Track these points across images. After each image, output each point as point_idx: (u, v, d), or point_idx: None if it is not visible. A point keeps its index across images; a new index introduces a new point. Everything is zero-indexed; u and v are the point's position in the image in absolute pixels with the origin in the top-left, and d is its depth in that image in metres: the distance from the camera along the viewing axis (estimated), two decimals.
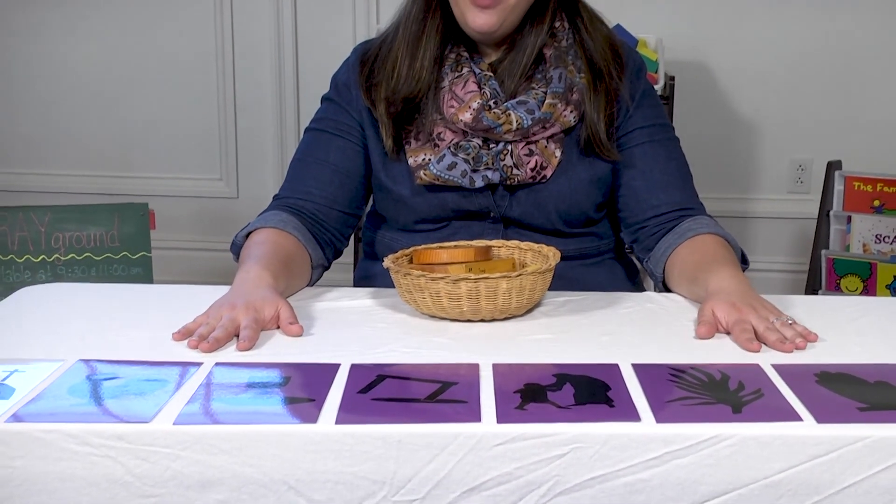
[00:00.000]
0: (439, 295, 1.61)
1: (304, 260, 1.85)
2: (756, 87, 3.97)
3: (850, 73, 3.92)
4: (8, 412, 1.27)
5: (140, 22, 4.17)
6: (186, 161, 4.25)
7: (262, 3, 4.09)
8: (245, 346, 1.49)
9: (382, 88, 1.93)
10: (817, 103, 3.95)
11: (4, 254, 3.26)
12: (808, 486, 1.22)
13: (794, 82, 3.95)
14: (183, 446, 1.23)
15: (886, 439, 1.22)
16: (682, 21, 3.91)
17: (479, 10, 1.82)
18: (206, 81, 4.20)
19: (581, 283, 1.87)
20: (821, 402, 1.30)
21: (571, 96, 1.89)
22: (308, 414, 1.27)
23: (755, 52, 3.94)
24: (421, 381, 1.37)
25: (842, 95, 3.94)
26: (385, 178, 1.95)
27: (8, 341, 1.56)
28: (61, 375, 1.39)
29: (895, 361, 1.44)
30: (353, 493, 1.23)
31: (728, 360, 1.45)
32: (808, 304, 1.73)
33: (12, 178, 4.31)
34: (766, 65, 3.95)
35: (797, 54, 3.93)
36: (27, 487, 1.24)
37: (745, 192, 4.06)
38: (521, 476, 1.23)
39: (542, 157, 1.89)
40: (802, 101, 3.96)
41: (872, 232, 3.23)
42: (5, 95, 4.28)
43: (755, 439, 1.22)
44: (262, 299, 1.60)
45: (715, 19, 3.93)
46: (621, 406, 1.29)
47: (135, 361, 1.45)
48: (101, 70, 4.22)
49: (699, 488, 1.22)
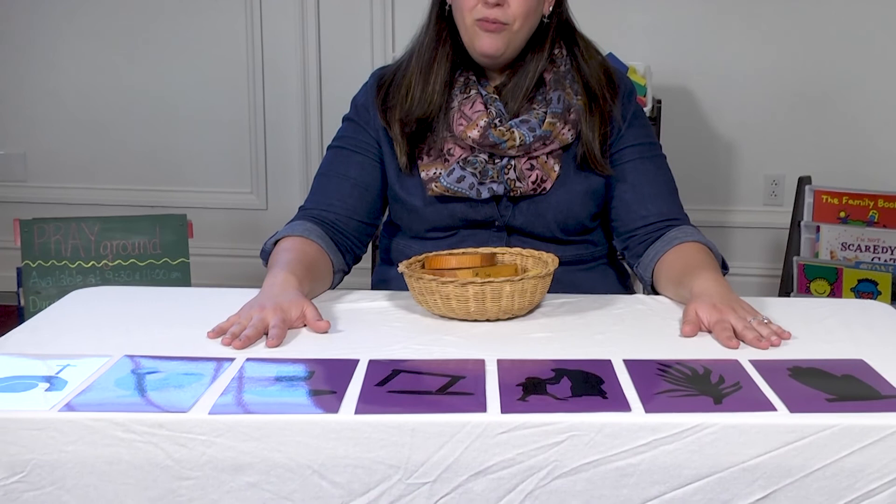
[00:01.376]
0: (449, 297, 1.61)
1: (326, 265, 1.85)
2: (734, 109, 3.97)
3: (819, 97, 3.91)
4: (61, 402, 1.27)
5: (178, 52, 4.18)
6: (220, 176, 4.25)
7: (289, 34, 4.09)
8: (273, 344, 1.49)
9: (397, 110, 1.93)
10: (789, 124, 3.95)
11: (59, 260, 3.27)
12: (782, 469, 1.22)
13: (768, 105, 3.95)
14: (217, 434, 1.23)
15: (852, 427, 1.21)
16: (668, 50, 3.90)
17: (487, 35, 1.83)
18: (238, 104, 4.20)
19: (577, 286, 1.86)
20: (793, 393, 1.30)
21: (569, 116, 1.89)
22: (330, 405, 1.27)
23: (733, 79, 3.94)
24: (432, 375, 1.37)
25: (811, 117, 3.93)
26: (400, 190, 1.95)
27: (61, 338, 1.56)
28: (109, 369, 1.40)
29: (860, 357, 1.44)
30: (371, 477, 1.23)
31: (710, 356, 1.45)
32: (781, 306, 1.72)
33: (66, 192, 4.32)
34: (742, 89, 3.95)
35: (771, 80, 3.92)
36: (78, 470, 1.24)
37: (724, 204, 4.05)
38: (523, 461, 1.22)
39: (542, 171, 1.89)
40: (776, 123, 3.96)
41: (839, 240, 3.22)
42: (59, 119, 4.28)
43: (734, 427, 1.22)
44: (288, 301, 1.60)
45: (697, 49, 3.93)
46: (613, 398, 1.29)
47: (174, 357, 1.45)
48: (144, 95, 4.23)
49: (683, 472, 1.22)
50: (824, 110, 3.92)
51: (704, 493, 1.22)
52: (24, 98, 4.29)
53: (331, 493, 1.23)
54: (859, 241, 3.19)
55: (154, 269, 3.26)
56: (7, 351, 1.48)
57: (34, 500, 1.24)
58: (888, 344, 1.52)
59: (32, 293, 3.24)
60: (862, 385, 1.33)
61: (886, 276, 3.07)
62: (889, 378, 1.35)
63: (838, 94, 3.90)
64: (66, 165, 4.33)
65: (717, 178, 4.04)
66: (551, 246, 1.89)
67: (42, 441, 1.23)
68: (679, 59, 3.92)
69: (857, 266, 3.16)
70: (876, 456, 1.21)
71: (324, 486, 1.23)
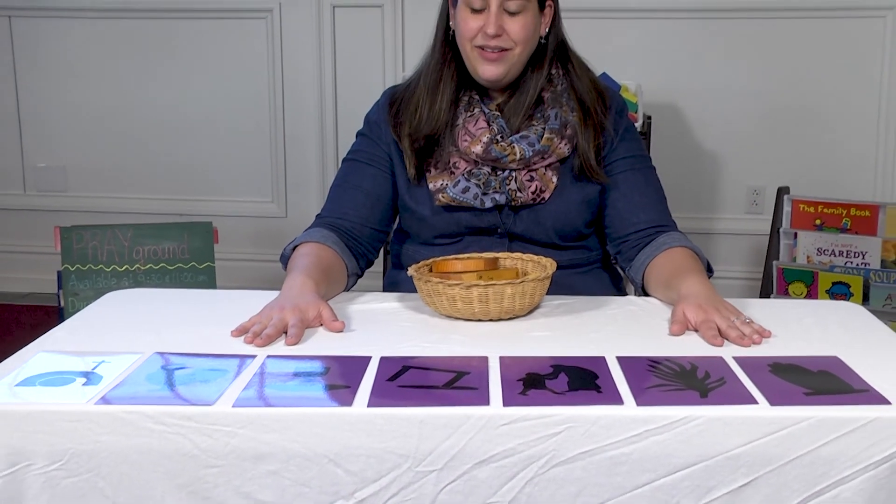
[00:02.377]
0: (454, 298, 1.61)
1: (341, 269, 1.85)
2: (718, 125, 3.96)
3: (796, 114, 3.90)
4: (97, 396, 1.28)
5: (205, 72, 4.18)
6: (243, 186, 4.25)
7: (307, 55, 4.09)
8: (292, 342, 1.49)
9: (406, 126, 1.93)
10: (769, 139, 3.94)
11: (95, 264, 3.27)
12: (763, 458, 1.21)
13: (749, 121, 3.94)
14: (240, 425, 1.23)
15: (827, 419, 1.21)
16: (658, 71, 3.90)
17: (488, 63, 1.84)
18: (260, 120, 4.20)
19: (573, 288, 1.86)
20: (773, 388, 1.30)
21: (565, 132, 1.89)
22: (345, 398, 1.27)
23: (717, 97, 3.93)
24: (439, 371, 1.37)
25: (789, 132, 3.92)
26: (409, 200, 1.95)
27: (97, 337, 1.56)
28: (140, 365, 1.40)
29: (835, 354, 1.43)
30: (383, 465, 1.23)
31: (696, 353, 1.45)
32: (761, 307, 1.72)
33: (102, 201, 4.32)
34: (725, 107, 3.94)
35: (752, 98, 3.92)
36: (112, 459, 1.24)
37: (709, 212, 4.05)
38: (524, 451, 1.22)
39: (541, 182, 1.89)
40: (756, 137, 3.95)
41: (815, 246, 3.22)
42: (96, 135, 4.29)
43: (719, 419, 1.22)
44: (306, 302, 1.60)
45: (684, 70, 3.92)
46: (607, 392, 1.29)
47: (200, 354, 1.45)
48: (174, 112, 4.23)
49: (672, 460, 1.22)
50: (801, 126, 3.91)
51: (691, 480, 1.22)
52: (64, 116, 4.29)
53: (345, 481, 1.23)
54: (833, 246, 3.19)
55: (182, 272, 3.26)
56: (47, 348, 1.48)
57: (72, 486, 1.25)
58: (860, 342, 1.51)
59: (71, 295, 3.25)
60: (836, 380, 1.33)
61: (858, 279, 3.07)
62: (861, 373, 1.35)
63: (813, 112, 3.90)
64: (102, 177, 4.33)
65: (703, 188, 4.03)
66: (550, 251, 1.89)
67: (79, 432, 1.24)
68: (668, 79, 3.92)
69: (832, 270, 3.16)
70: (849, 445, 1.21)
71: (339, 473, 1.23)
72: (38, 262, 4.32)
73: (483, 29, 1.82)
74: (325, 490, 1.24)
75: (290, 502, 1.24)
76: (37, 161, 4.36)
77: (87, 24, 4.21)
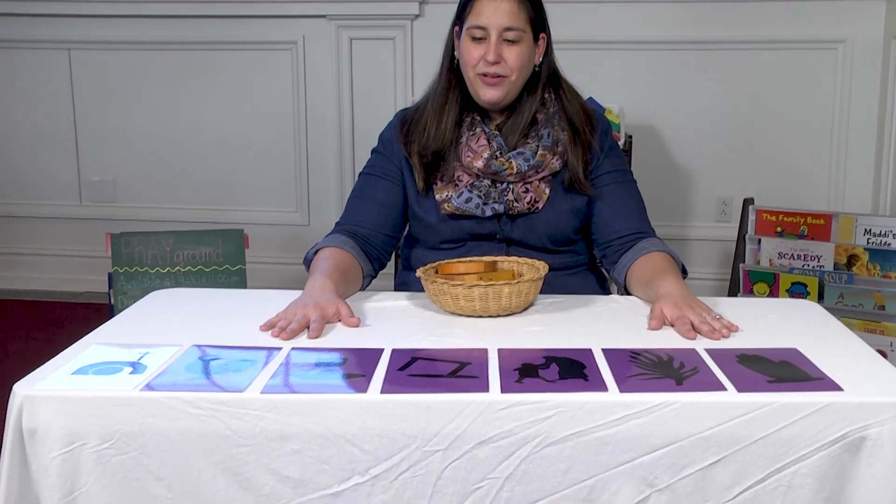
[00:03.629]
0: (458, 297, 1.60)
1: (357, 271, 1.84)
2: (691, 144, 3.96)
3: (760, 134, 3.90)
4: (142, 383, 1.28)
5: (239, 97, 4.19)
6: (271, 198, 4.25)
7: (327, 82, 4.09)
8: (314, 336, 1.49)
9: (416, 143, 1.93)
10: (736, 156, 3.93)
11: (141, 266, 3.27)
12: (731, 438, 1.21)
13: (718, 141, 3.93)
14: (267, 409, 1.23)
15: (787, 404, 1.21)
16: (638, 96, 3.90)
17: (488, 87, 1.84)
18: (286, 139, 4.20)
19: (563, 288, 1.85)
20: (740, 376, 1.30)
21: (557, 149, 1.89)
22: (360, 385, 1.27)
23: (690, 119, 3.93)
24: (444, 362, 1.37)
25: (754, 150, 3.92)
26: (418, 209, 1.95)
27: (142, 331, 1.56)
28: (180, 356, 1.40)
29: (794, 346, 1.43)
30: (394, 444, 1.23)
31: (672, 346, 1.44)
32: (730, 304, 1.71)
33: (148, 211, 4.32)
34: (698, 128, 3.94)
35: (721, 120, 3.91)
36: (156, 439, 1.24)
37: (683, 221, 4.04)
38: (519, 432, 1.22)
39: (535, 194, 1.89)
40: (725, 155, 3.94)
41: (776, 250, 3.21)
42: (142, 153, 4.29)
43: (692, 404, 1.22)
44: (326, 301, 1.59)
45: (661, 95, 3.92)
46: (593, 380, 1.28)
47: (233, 346, 1.45)
48: (210, 132, 4.23)
49: (650, 441, 1.22)
50: (764, 145, 3.91)
51: (668, 458, 1.22)
52: (114, 136, 4.30)
53: (360, 459, 1.23)
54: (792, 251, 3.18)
55: (217, 274, 3.26)
56: (99, 341, 1.48)
57: (121, 463, 1.25)
58: (816, 335, 1.51)
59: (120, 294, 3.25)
60: (796, 369, 1.33)
61: (814, 280, 3.06)
62: (817, 363, 1.34)
63: (775, 132, 3.89)
64: (147, 190, 4.34)
65: (678, 199, 4.02)
66: (543, 255, 1.89)
67: (127, 415, 1.24)
68: (647, 103, 3.91)
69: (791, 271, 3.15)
70: (807, 427, 1.21)
71: (355, 452, 1.23)
72: (91, 264, 4.32)
73: (484, 57, 1.82)
74: (342, 467, 1.23)
75: (312, 477, 1.24)
76: (91, 175, 4.37)
77: (136, 55, 4.22)
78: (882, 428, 1.20)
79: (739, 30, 3.83)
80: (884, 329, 2.97)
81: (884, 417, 1.20)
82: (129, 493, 1.25)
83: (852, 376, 1.29)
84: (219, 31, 4.14)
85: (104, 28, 4.21)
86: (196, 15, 4.13)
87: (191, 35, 4.17)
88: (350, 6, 4.00)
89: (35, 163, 4.38)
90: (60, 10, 4.18)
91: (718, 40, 3.85)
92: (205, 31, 4.15)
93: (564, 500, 1.23)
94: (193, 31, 4.16)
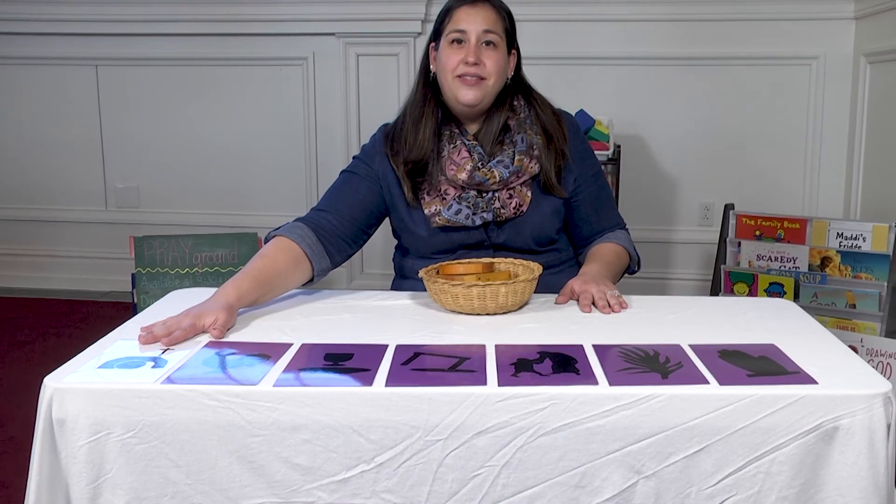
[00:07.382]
0: (457, 296, 1.60)
1: (292, 272, 1.75)
2: (676, 152, 3.96)
3: (740, 144, 3.90)
4: (163, 376, 1.28)
5: (254, 112, 4.19)
6: (282, 203, 4.25)
7: (335, 98, 4.10)
8: (168, 342, 1.43)
9: (400, 155, 1.91)
10: (717, 164, 3.93)
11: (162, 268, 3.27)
12: (713, 429, 1.21)
13: (701, 150, 3.93)
14: (280, 401, 1.23)
15: (766, 396, 1.21)
16: (626, 108, 3.90)
17: (467, 87, 1.84)
18: (296, 151, 4.21)
19: (550, 285, 1.84)
20: (721, 370, 1.29)
21: (533, 152, 1.88)
22: (366, 379, 1.26)
23: (675, 130, 3.93)
24: (444, 357, 1.36)
25: (734, 159, 3.92)
26: (409, 222, 1.92)
27: None
28: (198, 351, 1.39)
29: (772, 342, 1.43)
30: (398, 434, 1.22)
31: (659, 342, 1.44)
32: (711, 303, 1.71)
33: (168, 216, 4.32)
34: (682, 138, 3.94)
35: (703, 131, 3.92)
36: (176, 428, 1.24)
37: (667, 225, 4.04)
38: (515, 423, 1.22)
39: (519, 198, 1.88)
40: (707, 163, 3.94)
41: (755, 252, 3.20)
42: (164, 162, 4.30)
43: (677, 397, 1.21)
44: (207, 310, 1.52)
45: (648, 107, 3.92)
46: (585, 374, 1.28)
47: (247, 342, 1.45)
48: (226, 144, 4.24)
49: (638, 431, 1.21)
50: (743, 154, 3.91)
51: (654, 447, 1.21)
52: (138, 146, 4.31)
53: (366, 448, 1.23)
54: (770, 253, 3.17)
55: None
56: (123, 337, 1.48)
57: (143, 451, 1.24)
58: (793, 332, 1.50)
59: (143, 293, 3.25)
60: (774, 364, 1.32)
61: (790, 280, 3.06)
62: (794, 358, 1.34)
63: (753, 142, 3.90)
64: (168, 196, 4.34)
65: (663, 205, 4.02)
66: (528, 256, 1.88)
67: (149, 406, 1.23)
68: (634, 115, 3.92)
69: (769, 272, 3.14)
70: (784, 418, 1.20)
71: (361, 441, 1.23)
72: (115, 266, 4.32)
73: (464, 59, 1.82)
74: (349, 455, 1.23)
75: (321, 465, 1.24)
76: (116, 182, 4.37)
77: (158, 70, 4.23)
78: (854, 419, 1.20)
79: (721, 47, 3.84)
80: (854, 326, 2.97)
81: (855, 409, 1.20)
82: (150, 478, 1.25)
83: (826, 370, 1.29)
84: (235, 48, 4.14)
85: (129, 46, 4.22)
86: (213, 33, 4.14)
87: (209, 52, 4.17)
88: (357, 24, 4.01)
89: (64, 171, 4.39)
90: (89, 30, 4.20)
91: (702, 57, 3.86)
92: (222, 48, 4.16)
93: (557, 486, 1.23)
94: (211, 48, 4.17)
